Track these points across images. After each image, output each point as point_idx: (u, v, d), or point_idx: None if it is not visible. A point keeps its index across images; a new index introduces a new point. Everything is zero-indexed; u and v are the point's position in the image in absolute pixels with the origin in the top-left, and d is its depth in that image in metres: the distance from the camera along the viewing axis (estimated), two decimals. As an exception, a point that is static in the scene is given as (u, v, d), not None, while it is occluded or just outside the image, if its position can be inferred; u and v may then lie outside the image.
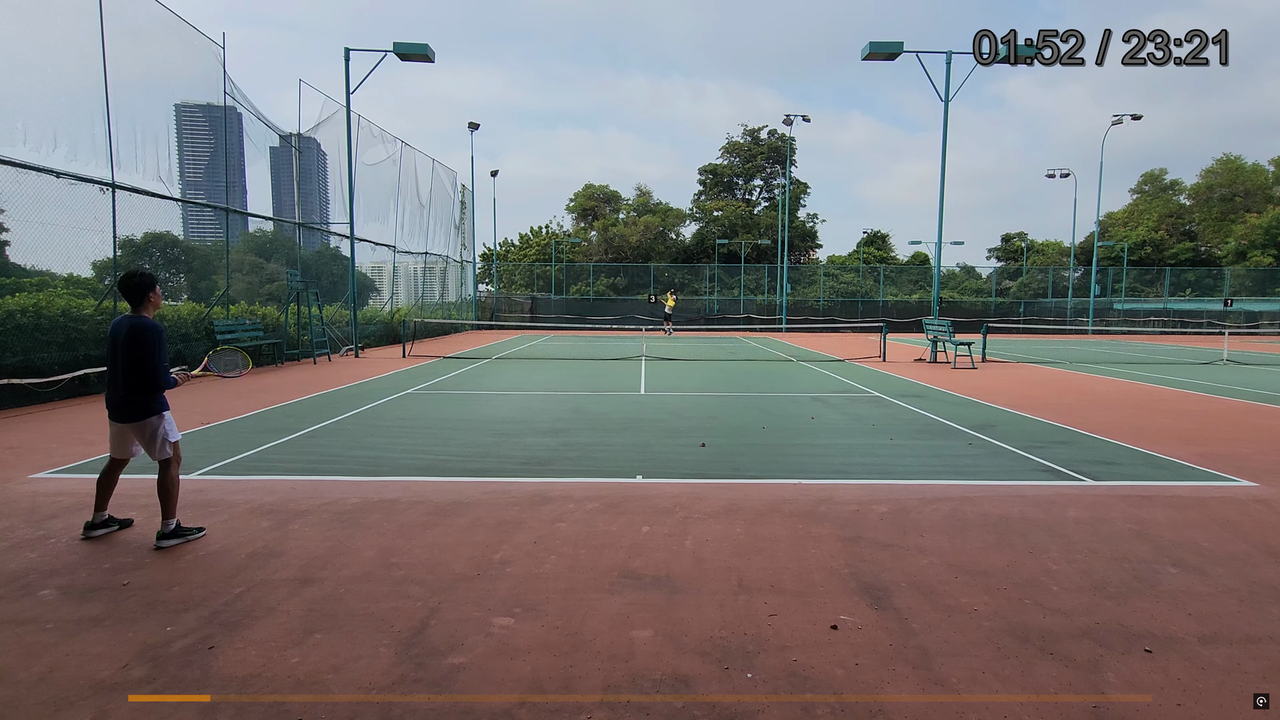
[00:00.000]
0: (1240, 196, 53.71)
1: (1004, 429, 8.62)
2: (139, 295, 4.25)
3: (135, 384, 4.20)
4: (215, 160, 15.60)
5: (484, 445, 7.41)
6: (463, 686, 2.82)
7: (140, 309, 4.29)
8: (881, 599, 3.68)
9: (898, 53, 17.05)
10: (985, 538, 4.63)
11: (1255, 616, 3.52)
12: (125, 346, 4.17)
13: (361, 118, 20.72)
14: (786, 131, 45.99)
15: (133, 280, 4.25)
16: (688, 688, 2.83)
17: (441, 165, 31.26)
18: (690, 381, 13.57)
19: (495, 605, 3.57)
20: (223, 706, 2.67)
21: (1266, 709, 2.73)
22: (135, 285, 4.24)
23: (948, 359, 18.12)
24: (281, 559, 4.16)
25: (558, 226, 60.56)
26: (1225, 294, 45.95)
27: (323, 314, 18.34)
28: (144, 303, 4.28)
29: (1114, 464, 6.79)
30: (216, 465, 6.40)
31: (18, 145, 9.93)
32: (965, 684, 2.87)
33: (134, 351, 4.15)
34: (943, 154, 18.55)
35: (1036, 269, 51.31)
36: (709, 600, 3.65)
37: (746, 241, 51.25)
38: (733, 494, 5.63)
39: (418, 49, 17.21)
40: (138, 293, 4.25)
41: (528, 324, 40.50)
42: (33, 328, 9.88)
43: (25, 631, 3.25)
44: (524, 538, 4.56)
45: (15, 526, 4.69)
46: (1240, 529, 4.87)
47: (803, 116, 39.32)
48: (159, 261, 18.11)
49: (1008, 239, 63.37)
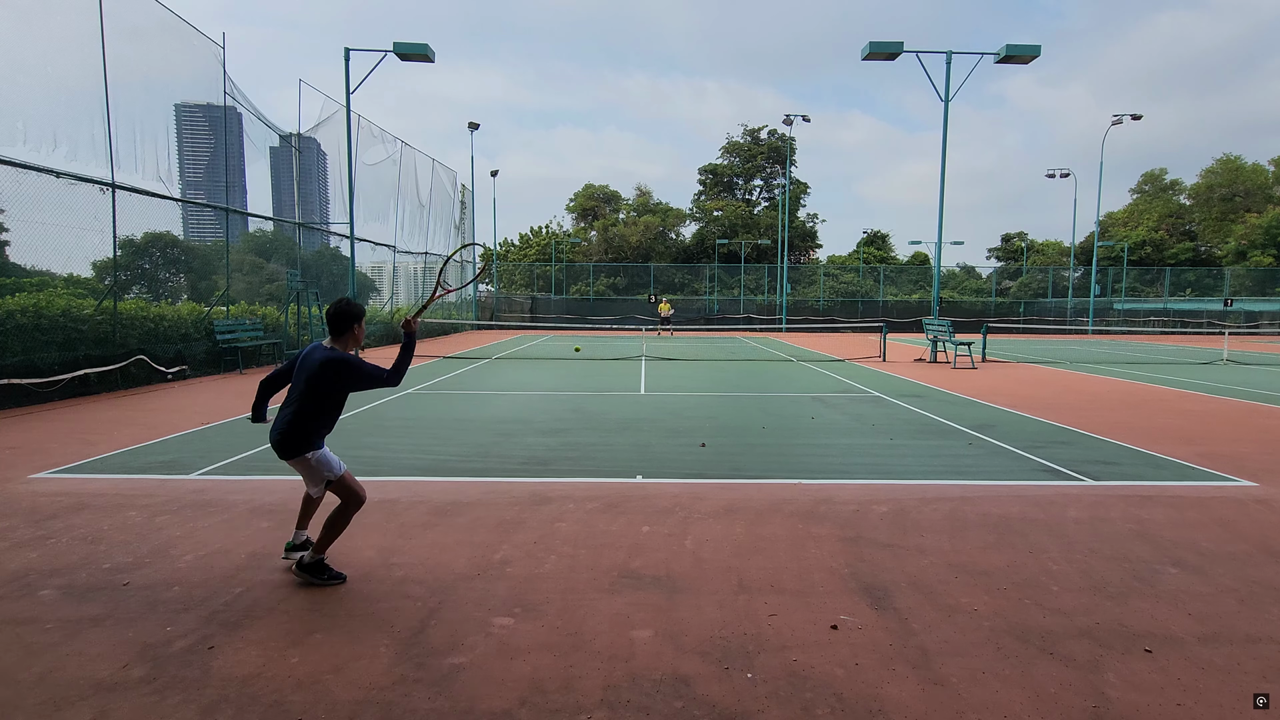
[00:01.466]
0: (1240, 196, 53.72)
1: (1004, 429, 8.62)
2: (345, 325, 3.82)
3: (306, 417, 3.73)
4: (215, 160, 15.60)
5: (484, 445, 7.41)
6: (463, 686, 2.82)
7: (341, 341, 3.83)
8: (881, 599, 3.68)
9: (898, 52, 17.05)
10: (985, 538, 4.63)
11: (1255, 616, 3.52)
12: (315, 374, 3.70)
13: (361, 117, 20.74)
14: (786, 131, 46.07)
15: (340, 307, 3.81)
16: (688, 688, 2.83)
17: (441, 165, 31.29)
18: (690, 381, 13.57)
19: (495, 605, 3.57)
20: (223, 706, 2.67)
21: (1266, 709, 2.73)
22: (344, 314, 3.80)
23: (948, 359, 18.12)
24: (281, 559, 4.16)
25: (558, 226, 60.58)
26: (1225, 294, 45.95)
27: (323, 314, 18.33)
28: (347, 334, 3.84)
29: (1114, 464, 6.79)
30: (216, 465, 6.40)
31: (18, 145, 9.93)
32: (965, 684, 2.87)
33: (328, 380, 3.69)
34: (943, 154, 18.56)
35: (1036, 269, 51.30)
36: (709, 600, 3.65)
37: (746, 241, 51.26)
38: (733, 494, 5.63)
39: (418, 49, 17.21)
40: (344, 322, 3.81)
41: (528, 324, 40.50)
42: (33, 328, 9.88)
43: (25, 631, 3.24)
44: (524, 538, 4.56)
45: (15, 526, 4.69)
46: (1240, 529, 4.87)
47: (803, 116, 39.37)
48: (159, 261, 18.09)
49: (1008, 239, 63.38)
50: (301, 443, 3.74)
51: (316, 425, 3.79)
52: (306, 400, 3.73)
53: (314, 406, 3.75)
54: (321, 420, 3.81)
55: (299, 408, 3.73)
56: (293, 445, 3.73)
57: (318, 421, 3.79)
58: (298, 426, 3.72)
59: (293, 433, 3.72)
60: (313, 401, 3.74)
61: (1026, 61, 17.35)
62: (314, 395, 3.73)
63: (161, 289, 17.10)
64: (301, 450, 3.75)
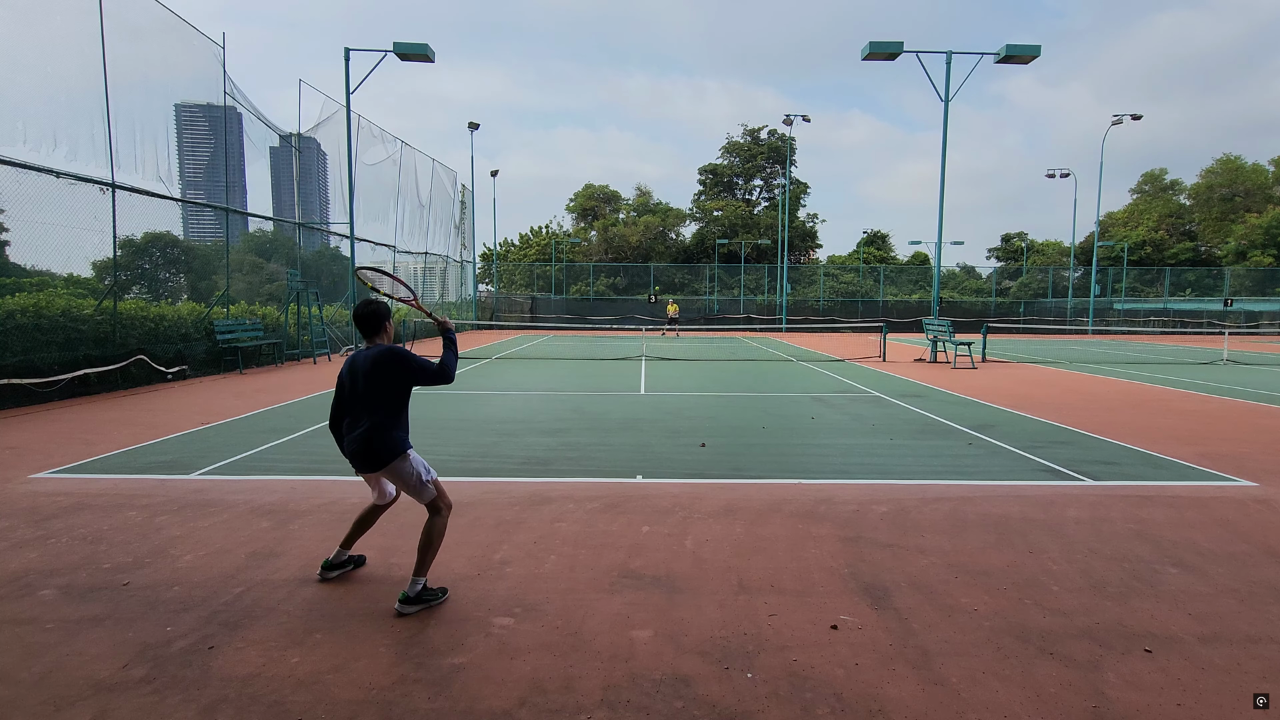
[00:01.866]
0: (1240, 196, 53.72)
1: (1004, 429, 8.62)
2: (377, 325, 3.79)
3: (385, 419, 3.64)
4: (215, 160, 15.59)
5: (484, 445, 7.41)
6: (463, 686, 2.82)
7: (376, 340, 3.80)
8: (881, 599, 3.68)
9: (898, 53, 17.05)
10: (985, 538, 4.63)
11: (1255, 616, 3.52)
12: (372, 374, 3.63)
13: (361, 117, 20.73)
14: (786, 131, 46.08)
15: (370, 309, 3.78)
16: (688, 688, 2.83)
17: (441, 165, 31.30)
18: (690, 381, 13.57)
19: (495, 605, 3.57)
20: (223, 706, 2.67)
21: (1266, 709, 2.73)
22: (375, 315, 3.77)
23: (948, 359, 18.12)
24: (281, 559, 4.16)
25: (558, 226, 60.60)
26: (1225, 294, 45.95)
27: (323, 314, 18.34)
28: (380, 333, 3.81)
29: (1114, 464, 6.79)
30: (216, 465, 6.40)
31: (18, 145, 9.93)
32: (965, 684, 2.87)
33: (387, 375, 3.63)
34: (943, 153, 18.56)
35: (1036, 269, 51.31)
36: (709, 600, 3.65)
37: (746, 241, 51.25)
38: (733, 494, 5.63)
39: (418, 49, 17.21)
40: (376, 322, 3.78)
41: (528, 324, 40.50)
42: (33, 328, 9.88)
43: (25, 631, 3.24)
44: (524, 538, 4.56)
45: (15, 526, 4.69)
46: (1240, 529, 4.87)
47: (803, 116, 39.39)
48: (159, 261, 18.09)
49: (1008, 239, 63.38)
50: (392, 446, 3.61)
51: (395, 425, 3.67)
52: (376, 405, 3.63)
53: (385, 408, 3.63)
54: (400, 420, 3.71)
55: (372, 416, 3.62)
56: (383, 453, 3.60)
57: (396, 421, 3.69)
58: (380, 433, 3.60)
59: (378, 441, 3.60)
60: (381, 404, 3.63)
61: (1026, 61, 17.36)
62: (380, 396, 3.63)
63: (161, 289, 17.09)
64: (394, 455, 3.61)
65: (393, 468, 3.63)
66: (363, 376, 3.64)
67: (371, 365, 3.63)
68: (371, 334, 3.78)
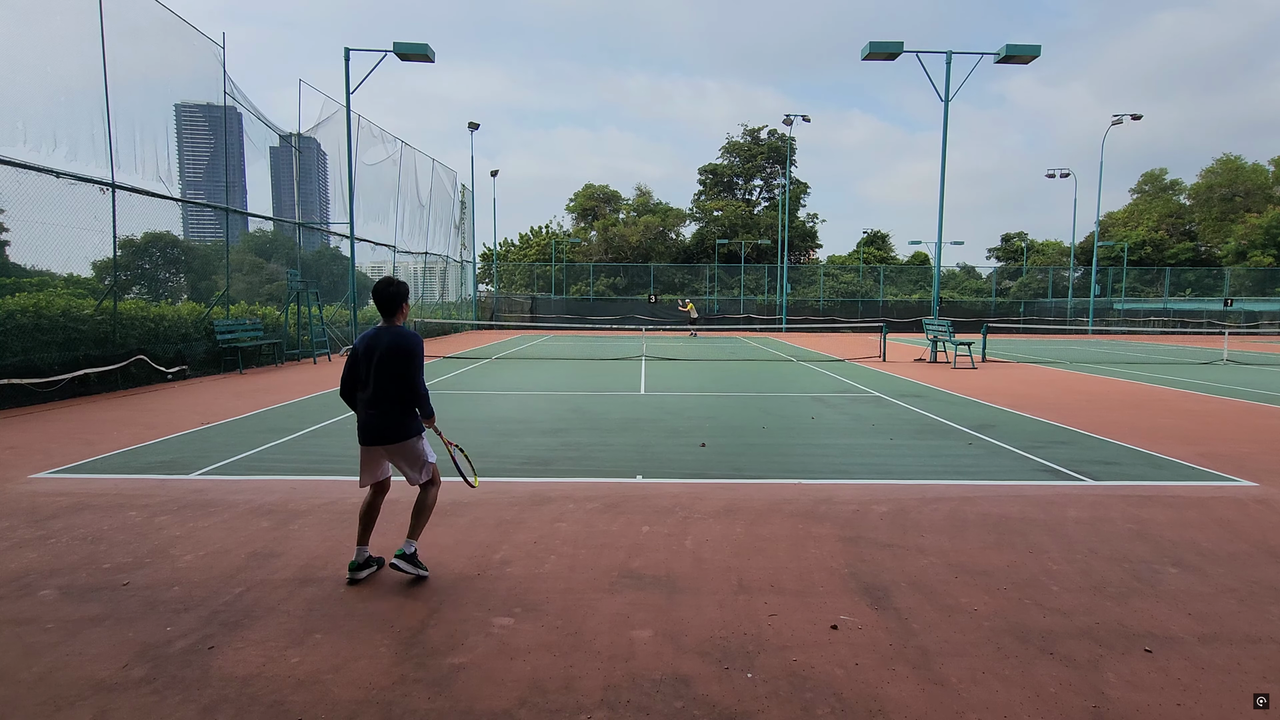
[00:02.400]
0: (1240, 196, 53.71)
1: (1004, 429, 8.62)
2: (396, 305, 3.93)
3: (400, 402, 3.86)
4: (215, 160, 15.59)
5: (484, 445, 7.41)
6: (463, 686, 2.82)
7: (394, 320, 3.96)
8: (881, 599, 3.68)
9: (898, 53, 17.05)
10: (985, 538, 4.63)
11: (1255, 616, 3.52)
12: (388, 360, 3.81)
13: (361, 117, 20.74)
14: (786, 131, 46.08)
15: (390, 289, 3.91)
16: (688, 688, 2.83)
17: (441, 165, 31.29)
18: (690, 381, 13.57)
19: (495, 605, 3.57)
20: (223, 706, 2.67)
21: (1266, 709, 2.73)
22: (394, 294, 3.91)
23: (948, 359, 18.12)
24: (281, 559, 4.16)
25: (558, 226, 60.60)
26: (1225, 294, 45.95)
27: (323, 314, 18.34)
28: (398, 313, 3.96)
29: (1114, 464, 6.79)
30: (216, 465, 6.40)
31: (18, 145, 9.93)
32: (965, 684, 2.87)
33: (401, 364, 3.81)
34: (943, 153, 18.56)
35: (1036, 269, 51.30)
36: (709, 600, 3.65)
37: (746, 241, 51.25)
38: (733, 494, 5.63)
39: (418, 49, 17.20)
40: (395, 302, 3.92)
41: (528, 324, 40.50)
42: (33, 328, 9.88)
43: (25, 631, 3.24)
44: (524, 538, 4.56)
45: (15, 526, 4.69)
46: (1240, 529, 4.87)
47: (803, 116, 39.41)
48: (159, 261, 18.08)
49: (1008, 239, 63.38)
50: (410, 423, 3.89)
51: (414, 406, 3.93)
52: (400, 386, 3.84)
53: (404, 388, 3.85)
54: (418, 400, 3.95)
55: (395, 395, 3.84)
56: (401, 430, 3.86)
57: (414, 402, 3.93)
58: (401, 412, 3.86)
59: (398, 417, 3.85)
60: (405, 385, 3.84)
61: (1027, 61, 17.35)
62: (399, 376, 3.83)
63: (161, 289, 17.07)
64: (412, 432, 3.90)
65: (408, 445, 3.90)
66: (387, 357, 3.83)
67: (394, 349, 3.83)
68: (390, 313, 3.97)
